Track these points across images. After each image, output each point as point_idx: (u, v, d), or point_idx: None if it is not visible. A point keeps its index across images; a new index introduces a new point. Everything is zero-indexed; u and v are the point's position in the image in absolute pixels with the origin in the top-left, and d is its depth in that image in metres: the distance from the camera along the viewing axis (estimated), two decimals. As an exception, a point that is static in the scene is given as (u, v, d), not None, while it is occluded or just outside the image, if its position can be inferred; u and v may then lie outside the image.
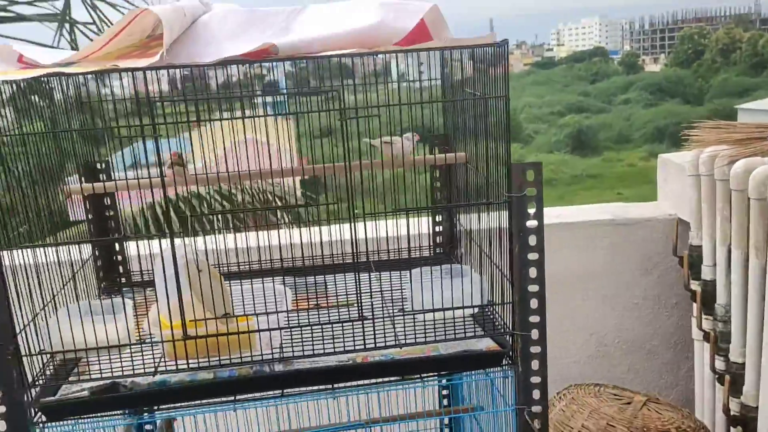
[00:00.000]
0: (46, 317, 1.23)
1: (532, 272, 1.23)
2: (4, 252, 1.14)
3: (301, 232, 1.62)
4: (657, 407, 2.07)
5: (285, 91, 1.47)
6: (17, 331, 1.16)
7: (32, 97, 1.32)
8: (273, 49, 1.15)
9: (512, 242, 1.23)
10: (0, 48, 1.22)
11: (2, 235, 1.15)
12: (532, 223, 1.21)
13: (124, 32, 1.17)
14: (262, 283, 1.47)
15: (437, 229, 1.79)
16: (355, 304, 1.26)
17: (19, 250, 1.18)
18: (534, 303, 1.24)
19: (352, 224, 1.21)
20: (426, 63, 1.53)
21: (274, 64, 1.24)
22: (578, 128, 35.67)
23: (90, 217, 1.61)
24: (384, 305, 1.40)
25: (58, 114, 1.45)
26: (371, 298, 1.33)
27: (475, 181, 1.49)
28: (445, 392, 1.79)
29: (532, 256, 1.22)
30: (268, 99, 1.51)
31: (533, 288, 1.23)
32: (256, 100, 1.48)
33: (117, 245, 1.70)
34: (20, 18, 4.96)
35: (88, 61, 1.19)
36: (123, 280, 1.71)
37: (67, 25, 4.86)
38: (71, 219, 1.42)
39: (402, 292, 1.48)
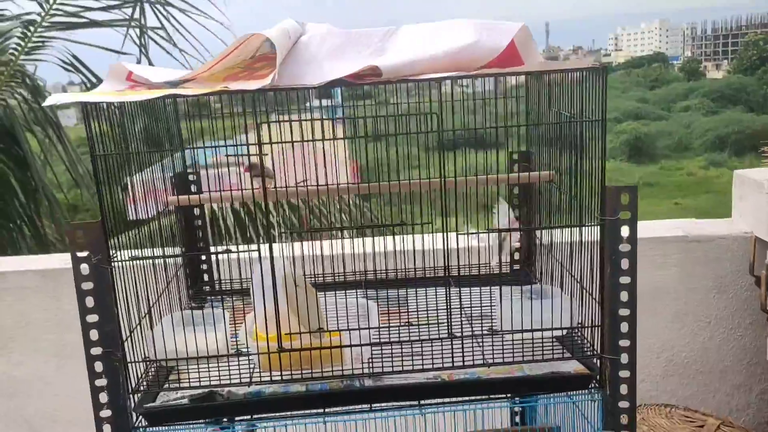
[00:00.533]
0: (152, 325, 1.29)
1: (624, 296, 1.23)
2: (115, 263, 1.20)
3: (380, 244, 1.65)
4: (731, 431, 2.03)
5: (340, 105, 1.50)
6: (124, 338, 1.22)
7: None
8: (375, 70, 1.18)
9: (603, 265, 1.24)
10: (112, 66, 1.28)
11: (113, 248, 1.20)
12: (625, 247, 1.21)
13: (232, 54, 1.22)
14: (346, 296, 1.50)
15: (515, 245, 1.80)
16: (444, 322, 1.28)
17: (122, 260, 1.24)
18: (624, 327, 1.24)
19: (446, 240, 1.23)
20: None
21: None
22: (635, 135, 34.95)
23: (181, 225, 1.67)
24: (470, 323, 1.42)
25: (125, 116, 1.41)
26: (459, 315, 1.35)
27: (558, 200, 1.49)
28: (517, 409, 1.79)
29: (624, 279, 1.22)
30: (324, 103, 1.53)
31: (624, 312, 1.23)
32: (308, 105, 1.50)
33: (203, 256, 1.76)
34: (94, 24, 5.11)
35: (196, 81, 1.24)
36: (208, 288, 1.77)
37: (137, 30, 4.99)
38: (129, 218, 1.43)
39: (483, 309, 1.49)
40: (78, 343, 1.21)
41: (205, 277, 1.78)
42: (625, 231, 1.21)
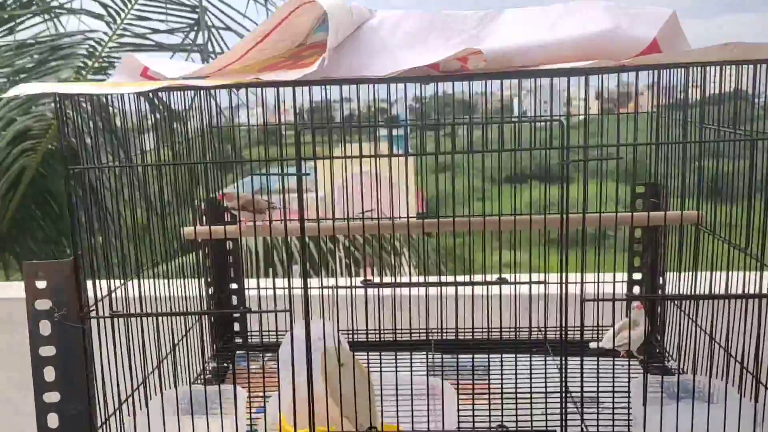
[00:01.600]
0: (143, 407, 0.93)
1: (840, 408, 0.81)
2: (116, 319, 0.85)
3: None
4: None
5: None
6: (98, 424, 0.87)
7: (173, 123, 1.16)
8: (467, 62, 0.81)
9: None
10: (125, 59, 0.98)
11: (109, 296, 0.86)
12: None
13: (272, 35, 0.87)
14: (412, 363, 1.12)
15: (632, 304, 1.38)
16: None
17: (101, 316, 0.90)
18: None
19: (563, 292, 0.85)
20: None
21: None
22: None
23: (211, 260, 1.34)
24: (597, 422, 1.01)
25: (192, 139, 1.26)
26: (581, 413, 0.94)
27: (708, 250, 1.08)
28: None
29: (842, 384, 0.81)
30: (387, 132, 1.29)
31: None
32: (378, 133, 1.31)
33: (235, 298, 1.41)
34: (159, 47, 5.03)
35: (222, 73, 0.90)
36: (238, 340, 1.43)
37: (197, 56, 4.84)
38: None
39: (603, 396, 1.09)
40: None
41: (236, 326, 1.44)
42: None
